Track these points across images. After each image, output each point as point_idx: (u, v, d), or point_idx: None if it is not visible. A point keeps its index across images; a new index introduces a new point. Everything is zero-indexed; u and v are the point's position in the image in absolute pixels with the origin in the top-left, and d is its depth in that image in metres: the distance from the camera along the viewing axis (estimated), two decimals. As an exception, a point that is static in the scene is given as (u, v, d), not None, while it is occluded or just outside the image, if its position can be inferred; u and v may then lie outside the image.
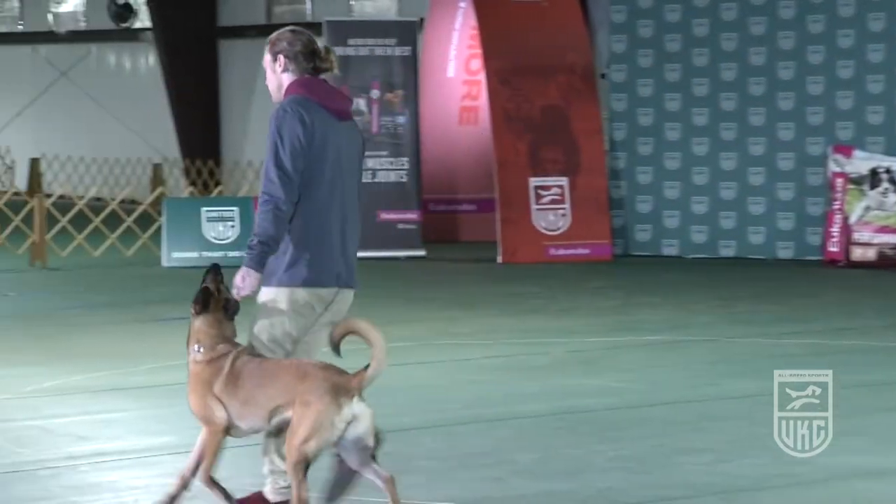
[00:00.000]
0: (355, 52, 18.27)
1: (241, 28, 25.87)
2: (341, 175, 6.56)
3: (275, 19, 25.68)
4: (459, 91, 20.12)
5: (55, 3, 29.27)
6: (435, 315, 13.31)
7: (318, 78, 6.63)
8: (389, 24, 19.26)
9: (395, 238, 18.16)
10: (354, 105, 17.79)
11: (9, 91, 29.64)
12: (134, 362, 10.67)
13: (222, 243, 17.33)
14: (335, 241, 6.61)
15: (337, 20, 19.46)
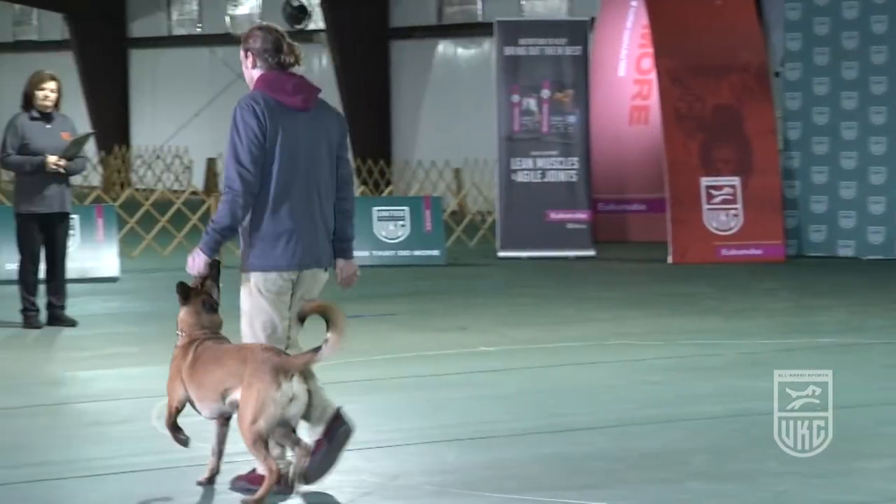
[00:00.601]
0: (526, 52, 18.28)
1: (413, 29, 26.05)
2: (303, 163, 7.01)
3: (445, 20, 25.82)
4: (630, 90, 20.01)
5: (232, 5, 29.81)
6: (605, 315, 13.27)
7: (281, 73, 7.11)
8: (560, 24, 19.23)
9: (565, 238, 18.14)
10: (525, 105, 18.24)
11: (187, 92, 30.27)
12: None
13: (393, 242, 17.48)
14: (300, 226, 7.00)
15: (508, 20, 19.49)
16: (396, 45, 26.39)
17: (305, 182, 7.03)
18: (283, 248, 7.02)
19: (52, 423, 8.70)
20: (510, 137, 18.33)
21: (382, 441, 8.15)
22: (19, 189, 12.31)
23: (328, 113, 7.23)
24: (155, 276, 16.34)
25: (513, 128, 18.34)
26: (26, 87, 12.30)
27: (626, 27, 19.78)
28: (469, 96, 24.93)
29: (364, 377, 10.14)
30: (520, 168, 18.29)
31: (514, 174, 18.29)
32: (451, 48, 25.68)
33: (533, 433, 8.35)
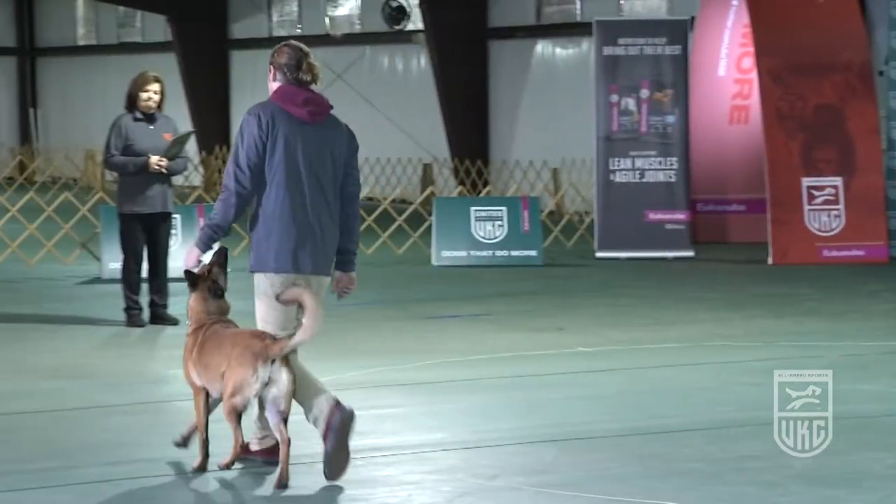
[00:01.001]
0: (625, 52, 18.19)
1: (511, 29, 26.02)
2: (305, 172, 7.45)
3: (544, 19, 25.76)
4: (730, 90, 19.84)
5: (332, 7, 29.97)
6: (705, 316, 13.16)
7: (294, 87, 7.57)
8: (660, 23, 19.11)
9: (663, 238, 18.03)
10: (623, 105, 18.15)
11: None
12: (407, 359, 10.85)
13: (490, 242, 17.47)
14: (303, 232, 7.46)
15: (607, 20, 19.40)
16: (495, 45, 26.38)
17: (307, 190, 7.45)
18: (294, 251, 7.46)
19: (153, 421, 8.79)
20: (609, 137, 18.26)
21: (480, 441, 8.14)
22: (122, 189, 12.45)
23: (337, 128, 7.64)
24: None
25: (611, 128, 18.26)
26: (130, 89, 12.44)
27: (726, 26, 19.61)
28: (567, 96, 24.86)
29: (462, 377, 10.14)
30: (618, 168, 18.20)
31: (613, 174, 18.20)
32: (549, 48, 25.63)
33: (631, 434, 8.31)
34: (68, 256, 16.95)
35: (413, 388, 9.74)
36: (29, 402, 9.27)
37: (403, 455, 7.87)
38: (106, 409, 9.11)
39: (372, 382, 9.93)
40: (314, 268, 7.49)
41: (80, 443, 8.18)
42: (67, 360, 10.94)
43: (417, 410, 9.04)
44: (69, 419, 8.82)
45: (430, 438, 8.24)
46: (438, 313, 13.42)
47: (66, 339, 11.90)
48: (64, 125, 36.59)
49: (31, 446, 8.11)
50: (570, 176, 23.69)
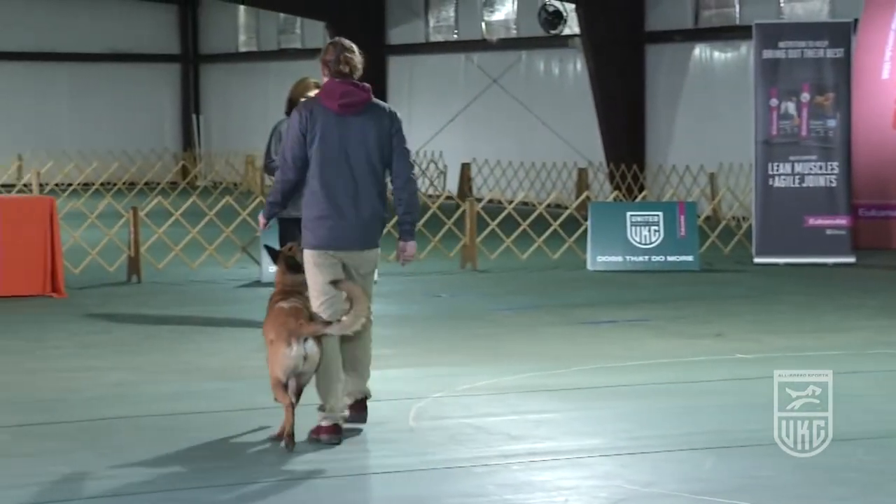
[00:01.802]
0: (785, 55, 17.94)
1: (669, 33, 25.84)
2: (345, 158, 8.35)
3: (702, 23, 25.52)
4: (894, 93, 19.45)
5: (488, 12, 30.04)
6: (866, 324, 12.93)
7: (336, 80, 8.42)
8: (821, 26, 18.81)
9: (824, 244, 17.74)
10: (783, 109, 17.90)
11: (443, 98, 30.64)
12: (563, 363, 10.83)
13: (647, 247, 17.36)
14: (343, 212, 8.35)
15: (767, 22, 19.15)
16: (652, 49, 26.21)
17: (342, 175, 8.36)
18: (322, 230, 8.37)
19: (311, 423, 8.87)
20: (768, 142, 18.02)
21: (637, 447, 8.10)
22: (282, 193, 12.59)
23: (375, 116, 8.45)
24: (410, 279, 16.57)
25: (770, 132, 18.03)
26: (291, 94, 12.57)
27: (891, 28, 19.24)
28: (725, 100, 24.60)
29: (618, 383, 10.10)
30: (777, 173, 17.97)
31: (772, 179, 17.97)
32: (707, 52, 25.39)
33: (792, 443, 8.19)
34: (229, 260, 17.24)
35: (569, 394, 9.73)
36: (193, 403, 9.45)
37: (559, 460, 7.86)
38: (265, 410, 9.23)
39: (528, 387, 9.93)
40: (337, 245, 8.35)
41: (243, 443, 8.32)
42: (230, 361, 11.12)
43: (573, 416, 9.03)
44: (232, 420, 8.97)
45: (586, 444, 8.22)
46: (594, 318, 13.38)
47: (229, 341, 12.10)
48: (225, 130, 37.22)
49: (196, 446, 8.27)
50: (728, 180, 23.45)
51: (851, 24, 18.44)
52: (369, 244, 8.45)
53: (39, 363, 11.07)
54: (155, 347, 11.80)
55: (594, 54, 25.87)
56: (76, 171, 31.12)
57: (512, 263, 17.77)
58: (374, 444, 8.26)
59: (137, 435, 8.55)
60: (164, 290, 15.53)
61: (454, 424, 8.64)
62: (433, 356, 11.36)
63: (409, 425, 8.63)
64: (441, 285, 16.07)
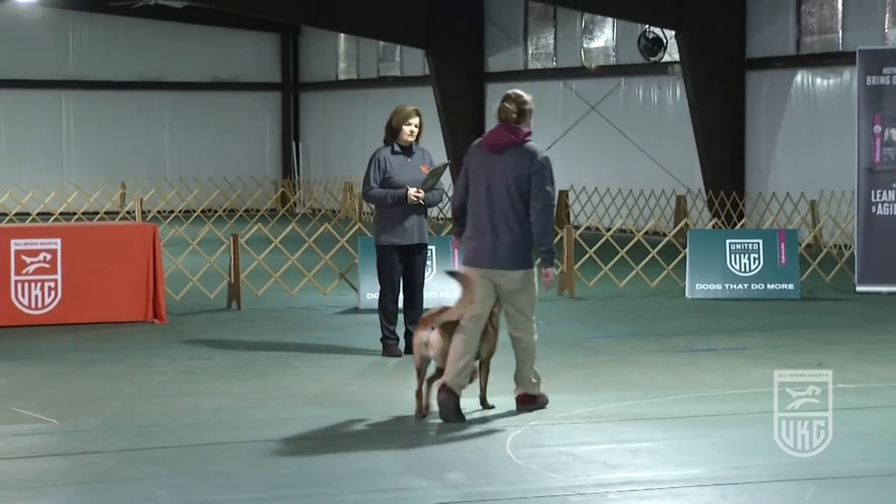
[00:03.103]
0: (889, 82, 17.72)
1: (770, 59, 25.65)
2: (485, 191, 9.85)
3: (804, 49, 25.32)
4: None
5: (587, 39, 30.03)
6: (972, 354, 12.72)
7: (497, 126, 10.05)
8: (926, 52, 18.57)
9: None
10: (887, 136, 17.68)
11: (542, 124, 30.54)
12: (661, 392, 10.76)
13: (746, 275, 17.21)
14: (486, 235, 9.79)
15: (871, 49, 18.95)
16: (753, 75, 26.05)
17: (485, 204, 9.83)
18: (468, 249, 9.90)
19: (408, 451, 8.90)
20: (871, 169, 17.81)
21: (736, 477, 8.03)
22: (380, 221, 12.68)
23: (518, 156, 9.86)
24: (509, 306, 16.55)
25: (874, 159, 17.82)
26: (392, 122, 12.65)
27: None
28: (826, 127, 24.38)
29: (718, 412, 10.02)
30: (881, 200, 17.74)
31: (875, 206, 17.75)
32: (808, 78, 25.18)
33: (893, 475, 8.07)
34: (327, 287, 17.34)
35: (668, 422, 9.66)
36: (291, 428, 9.50)
37: (657, 490, 7.81)
38: (363, 436, 9.27)
39: (625, 416, 9.88)
40: (476, 262, 9.80)
41: (339, 470, 8.35)
42: (327, 388, 11.18)
43: (672, 445, 8.96)
44: (329, 446, 9.01)
45: (684, 474, 8.16)
46: (693, 346, 13.29)
47: (326, 368, 12.17)
48: (324, 158, 37.51)
49: (292, 472, 8.31)
50: (829, 208, 23.20)
51: (956, 50, 18.19)
52: (506, 265, 9.76)
53: (141, 389, 11.20)
54: (254, 373, 11.90)
55: (694, 81, 25.76)
56: (178, 198, 31.50)
57: (610, 291, 17.70)
58: (472, 472, 8.26)
59: (238, 460, 8.62)
60: (263, 317, 15.66)
61: (550, 453, 8.62)
62: (530, 384, 11.31)
63: (506, 453, 8.62)
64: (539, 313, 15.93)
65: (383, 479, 8.10)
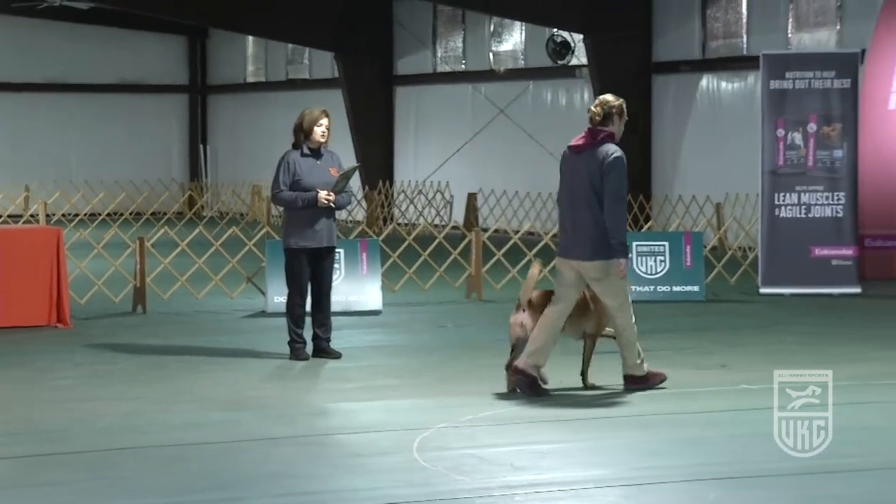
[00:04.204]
0: (792, 86, 17.97)
1: (676, 63, 25.89)
2: (567, 186, 10.83)
3: (709, 54, 25.58)
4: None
5: (496, 42, 30.12)
6: (873, 355, 12.90)
7: (586, 129, 10.97)
8: (829, 57, 18.84)
9: (830, 274, 17.74)
10: (790, 139, 17.92)
11: (450, 128, 30.72)
12: (568, 394, 10.81)
13: (652, 278, 17.35)
14: (569, 229, 10.76)
15: (774, 53, 19.19)
16: (659, 79, 26.27)
17: (568, 201, 10.78)
18: (560, 242, 10.89)
19: (316, 454, 8.89)
20: (774, 172, 18.04)
21: (642, 478, 8.08)
22: (289, 224, 12.63)
23: (593, 156, 10.74)
24: (416, 309, 16.59)
25: (777, 162, 18.04)
26: (303, 125, 12.58)
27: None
28: (731, 130, 24.64)
29: (624, 413, 10.08)
30: (784, 203, 17.97)
31: (778, 209, 17.97)
32: (714, 82, 25.44)
33: (798, 474, 8.17)
34: (235, 290, 17.25)
35: (575, 424, 9.71)
36: (198, 433, 9.44)
37: (563, 491, 7.84)
38: (271, 440, 9.23)
39: (533, 417, 9.92)
40: (562, 253, 10.79)
41: (247, 474, 8.31)
42: (235, 391, 11.12)
43: (578, 446, 9.01)
44: (237, 450, 8.97)
45: (590, 475, 8.20)
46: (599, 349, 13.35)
47: (234, 371, 12.10)
48: (232, 161, 37.32)
49: (200, 477, 8.26)
50: (734, 211, 23.46)
51: (859, 55, 18.46)
52: (584, 256, 10.59)
53: (46, 394, 11.07)
54: (161, 378, 11.81)
55: (602, 84, 25.91)
56: (83, 201, 31.19)
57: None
58: (378, 475, 8.25)
59: (145, 465, 8.55)
60: (169, 321, 15.55)
61: (457, 455, 8.63)
62: (438, 386, 11.35)
63: (412, 456, 8.62)
64: (446, 315, 16.07)
65: (292, 483, 8.06)
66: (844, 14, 22.85)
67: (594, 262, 10.60)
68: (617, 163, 10.69)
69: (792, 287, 17.69)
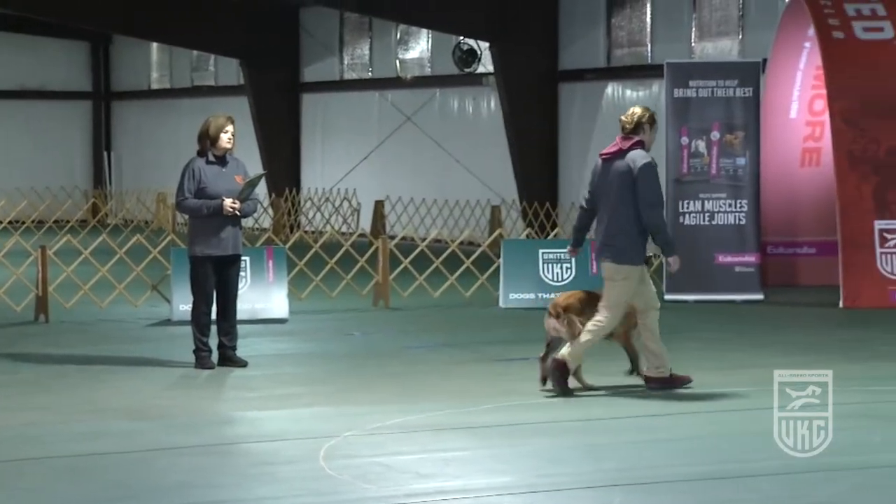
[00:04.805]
0: (696, 94, 18.17)
1: (581, 71, 26.06)
2: (601, 194, 11.31)
3: (614, 62, 25.78)
4: (802, 132, 19.73)
5: (403, 50, 30.15)
6: (775, 360, 13.04)
7: (617, 137, 11.39)
8: (731, 66, 19.07)
9: (733, 281, 17.94)
10: (694, 147, 18.11)
11: (357, 135, 30.69)
12: (475, 401, 10.85)
13: (559, 285, 17.44)
14: (599, 231, 11.33)
15: (678, 62, 19.40)
16: (565, 87, 26.43)
17: (600, 205, 11.31)
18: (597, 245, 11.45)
19: (222, 463, 8.84)
20: (678, 180, 18.21)
21: (546, 485, 8.12)
22: (194, 232, 12.54)
23: (622, 163, 11.20)
24: (323, 317, 16.55)
25: (681, 170, 18.22)
26: (209, 132, 12.47)
27: (798, 68, 19.51)
28: (637, 139, 24.80)
29: (529, 420, 10.13)
30: (688, 210, 18.15)
31: (682, 217, 18.15)
32: (619, 90, 25.64)
33: (699, 479, 8.26)
34: (139, 299, 17.11)
35: (479, 431, 9.74)
36: (101, 443, 9.35)
37: (468, 499, 7.86)
38: (176, 450, 9.17)
39: (439, 425, 9.93)
40: (597, 255, 11.45)
41: (152, 484, 8.24)
42: (138, 401, 11.03)
43: (483, 454, 9.04)
44: (140, 461, 8.89)
45: (495, 482, 8.23)
46: (506, 356, 13.41)
47: (137, 381, 12.00)
48: (136, 168, 37.02)
49: (104, 487, 8.18)
50: (640, 218, 23.61)
51: (760, 64, 18.71)
52: (601, 256, 11.26)
53: (-56, 404, 10.91)
54: (63, 387, 11.68)
55: (508, 92, 26.04)
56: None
57: (425, 301, 17.78)
58: (285, 484, 8.22)
59: (47, 476, 8.45)
60: (72, 330, 15.39)
61: (364, 463, 8.62)
62: (345, 395, 11.33)
63: (319, 464, 8.60)
64: (353, 323, 16.05)
65: (198, 493, 8.01)
66: (746, 24, 23.13)
67: (606, 264, 11.22)
68: (646, 169, 11.11)
69: (696, 294, 17.86)
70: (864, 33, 18.05)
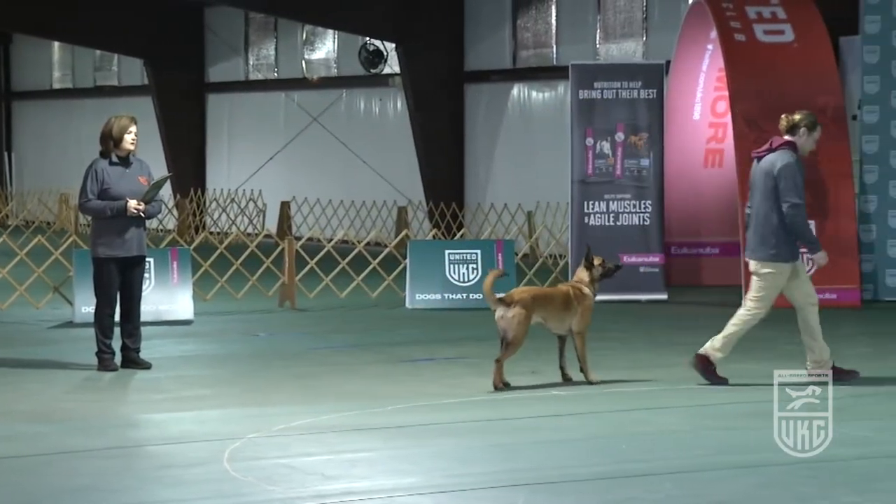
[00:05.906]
0: (600, 96, 18.29)
1: (487, 72, 26.14)
2: (752, 192, 11.72)
3: (520, 63, 25.88)
4: (705, 133, 19.95)
5: (308, 50, 30.06)
6: (678, 360, 13.14)
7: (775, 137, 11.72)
8: (635, 67, 19.22)
9: (637, 281, 18.07)
10: (598, 148, 18.23)
11: (263, 136, 30.55)
12: (382, 402, 10.84)
13: (465, 285, 17.48)
14: (748, 227, 11.76)
15: (583, 63, 19.52)
16: (471, 88, 26.50)
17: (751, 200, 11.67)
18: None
19: (126, 466, 8.76)
20: (583, 181, 18.32)
21: (453, 485, 8.13)
22: (97, 233, 12.42)
23: (769, 162, 11.48)
24: (228, 318, 16.46)
25: (586, 171, 18.33)
26: (111, 133, 12.35)
27: (701, 70, 19.73)
28: (542, 139, 24.96)
29: (436, 421, 10.13)
30: (593, 211, 18.27)
31: (587, 217, 18.26)
32: (525, 91, 25.75)
33: (602, 478, 8.31)
34: (41, 300, 16.91)
35: (386, 432, 9.73)
36: (3, 447, 9.23)
37: (374, 500, 7.85)
38: (79, 453, 9.07)
39: (345, 426, 9.91)
40: (747, 253, 11.71)
41: (54, 488, 8.15)
42: (40, 404, 10.90)
43: (390, 454, 9.03)
44: (42, 464, 8.78)
45: (402, 483, 8.23)
46: (413, 357, 13.42)
47: (39, 383, 11.86)
48: (38, 169, 36.58)
49: (7, 492, 8.08)
50: (545, 219, 23.76)
51: (664, 66, 18.87)
52: (749, 255, 11.62)
53: None
54: (-37, 390, 11.51)
55: (414, 93, 26.06)
56: None
57: (331, 302, 17.74)
58: (188, 486, 8.16)
59: (-57, 481, 8.33)
60: (-27, 332, 15.17)
61: (269, 465, 8.58)
62: (250, 396, 11.28)
63: (223, 466, 8.55)
64: (259, 324, 15.98)
65: (101, 497, 7.93)
66: (650, 26, 23.33)
67: (752, 261, 11.59)
68: (785, 170, 11.37)
69: (601, 294, 17.91)
70: (766, 36, 18.27)
